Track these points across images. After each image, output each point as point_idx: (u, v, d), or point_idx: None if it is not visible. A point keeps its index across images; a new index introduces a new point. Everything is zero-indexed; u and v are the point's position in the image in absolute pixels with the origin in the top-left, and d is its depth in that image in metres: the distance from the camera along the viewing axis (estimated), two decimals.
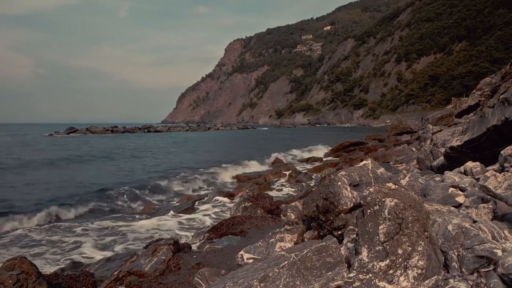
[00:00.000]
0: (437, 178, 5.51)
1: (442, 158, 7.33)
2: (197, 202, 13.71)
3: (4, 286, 4.36)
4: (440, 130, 11.91)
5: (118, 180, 19.30)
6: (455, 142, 6.49)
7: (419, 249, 2.86)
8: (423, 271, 2.82)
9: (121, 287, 5.43)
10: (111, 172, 22.51)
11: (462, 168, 5.27)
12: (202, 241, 7.85)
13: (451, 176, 4.96)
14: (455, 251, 3.02)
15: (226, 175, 20.96)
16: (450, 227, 3.15)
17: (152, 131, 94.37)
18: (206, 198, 14.50)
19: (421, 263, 2.83)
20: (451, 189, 4.54)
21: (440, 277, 2.87)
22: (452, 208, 3.94)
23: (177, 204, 13.88)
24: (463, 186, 4.54)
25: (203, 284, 4.52)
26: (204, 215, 12.27)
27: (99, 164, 26.57)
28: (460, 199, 4.15)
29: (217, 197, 13.99)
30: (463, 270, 2.89)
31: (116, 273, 5.73)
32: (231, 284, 2.91)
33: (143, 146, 46.29)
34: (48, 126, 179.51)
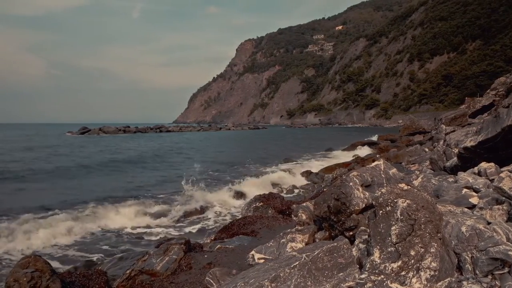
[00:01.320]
0: (451, 179, 5.45)
1: (455, 158, 7.24)
2: (209, 202, 13.75)
3: (19, 284, 4.42)
4: (454, 131, 11.77)
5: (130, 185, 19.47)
6: (469, 143, 6.41)
7: (432, 250, 2.83)
8: (436, 273, 2.79)
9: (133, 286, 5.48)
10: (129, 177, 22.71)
11: (476, 169, 5.20)
12: (213, 240, 7.87)
13: (465, 177, 4.90)
14: (468, 253, 2.98)
15: (238, 175, 20.99)
16: (463, 229, 3.12)
17: (164, 131, 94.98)
18: (218, 198, 14.54)
19: (434, 264, 2.80)
20: (464, 190, 4.48)
21: (453, 279, 2.84)
22: (466, 209, 3.89)
23: (189, 203, 13.93)
24: (477, 187, 4.48)
25: (214, 284, 4.53)
26: (215, 214, 12.31)
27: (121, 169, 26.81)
28: (474, 200, 4.10)
29: (228, 197, 14.03)
30: (477, 272, 2.86)
31: (128, 272, 5.78)
32: (242, 284, 2.91)
33: (158, 146, 46.58)
34: (61, 126, 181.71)
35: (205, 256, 6.20)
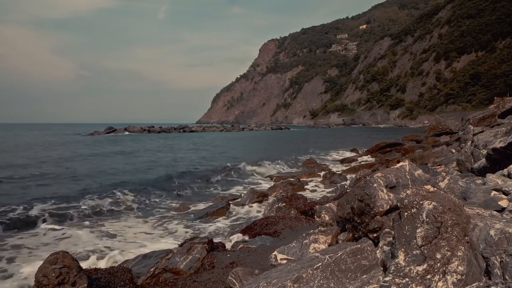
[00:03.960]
0: (478, 181, 5.32)
1: (483, 160, 7.06)
2: (231, 202, 13.82)
3: (48, 279, 4.55)
4: (482, 131, 11.48)
5: (154, 180, 19.74)
6: (498, 144, 6.23)
7: (458, 254, 2.77)
8: (463, 277, 2.73)
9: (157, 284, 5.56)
10: (141, 170, 23.05)
11: (505, 171, 5.06)
12: (235, 240, 7.91)
13: (494, 179, 4.77)
14: (497, 257, 2.90)
15: (260, 175, 21.03)
16: (492, 232, 3.03)
17: (188, 131, 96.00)
18: (240, 199, 14.61)
19: (460, 268, 2.74)
20: (493, 192, 4.37)
21: (481, 284, 2.77)
22: (495, 212, 3.79)
23: (211, 203, 14.03)
24: (506, 189, 4.36)
25: (237, 283, 4.56)
26: (238, 214, 12.36)
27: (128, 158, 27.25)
28: (503, 203, 3.99)
29: (250, 197, 14.06)
30: (506, 277, 2.78)
31: (152, 269, 5.87)
32: (265, 284, 2.92)
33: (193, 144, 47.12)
34: (89, 126, 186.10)
35: (228, 255, 6.24)
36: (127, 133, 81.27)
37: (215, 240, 7.43)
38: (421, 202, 2.90)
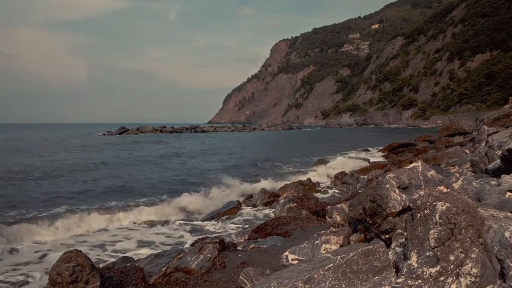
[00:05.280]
0: (493, 182, 5.24)
1: (498, 161, 6.96)
2: (242, 202, 13.84)
3: (61, 277, 4.62)
4: (497, 131, 11.32)
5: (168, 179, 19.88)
6: None
7: (472, 256, 2.74)
8: (477, 279, 2.69)
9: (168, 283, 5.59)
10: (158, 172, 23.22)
11: None
12: (247, 240, 7.92)
13: (509, 180, 4.70)
14: None
15: (272, 176, 21.01)
16: (507, 234, 2.99)
17: (199, 131, 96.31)
18: (251, 199, 14.62)
19: (474, 270, 2.70)
20: (508, 193, 4.30)
21: (495, 286, 2.73)
22: (510, 214, 3.73)
23: (223, 202, 14.06)
24: None
25: (248, 283, 4.56)
26: (249, 214, 12.37)
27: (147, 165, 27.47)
28: None
29: (262, 197, 14.06)
30: None
31: (164, 269, 5.91)
32: (276, 285, 2.92)
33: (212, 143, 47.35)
34: (101, 126, 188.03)
35: (239, 255, 6.25)
36: (140, 133, 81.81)
37: (226, 239, 7.45)
38: (434, 203, 2.87)
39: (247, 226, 10.44)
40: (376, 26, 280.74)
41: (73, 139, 63.60)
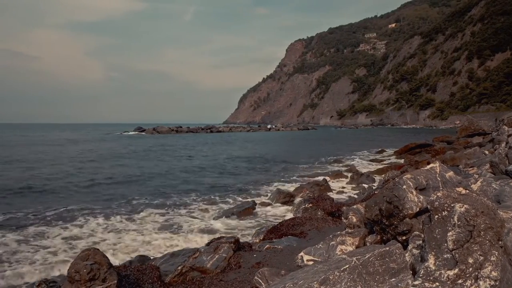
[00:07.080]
0: None
1: None
2: (258, 202, 13.85)
3: (79, 275, 4.70)
4: None
5: (184, 180, 20.04)
6: None
7: (492, 259, 2.69)
8: (497, 283, 2.64)
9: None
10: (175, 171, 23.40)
11: None
12: (262, 240, 7.92)
13: None
14: None
15: (287, 176, 20.98)
16: None
17: (215, 131, 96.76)
18: (267, 198, 14.62)
19: (494, 274, 2.65)
20: None
21: None
22: None
23: (238, 202, 14.11)
24: None
25: (263, 283, 4.56)
26: (264, 214, 12.38)
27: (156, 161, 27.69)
28: None
29: (277, 197, 14.05)
30: None
31: (179, 268, 5.96)
32: (291, 285, 2.91)
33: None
34: (118, 126, 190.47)
35: (254, 255, 6.25)
36: (156, 133, 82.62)
37: (242, 239, 7.47)
38: (452, 205, 2.83)
39: (262, 226, 10.45)
40: (393, 25, 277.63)
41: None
